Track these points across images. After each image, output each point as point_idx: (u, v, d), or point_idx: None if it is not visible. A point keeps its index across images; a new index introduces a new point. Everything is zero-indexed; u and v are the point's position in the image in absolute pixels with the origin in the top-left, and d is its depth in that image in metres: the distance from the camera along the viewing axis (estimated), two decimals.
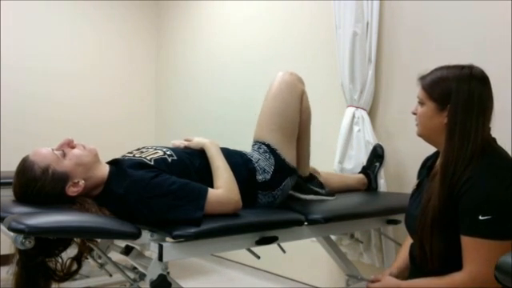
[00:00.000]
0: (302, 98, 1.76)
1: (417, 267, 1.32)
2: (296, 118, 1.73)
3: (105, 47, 3.81)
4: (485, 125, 1.23)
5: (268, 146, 1.67)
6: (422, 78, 1.33)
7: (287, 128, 1.71)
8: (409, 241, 1.49)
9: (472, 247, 1.11)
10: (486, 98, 1.24)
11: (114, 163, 1.46)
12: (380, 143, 2.23)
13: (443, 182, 1.19)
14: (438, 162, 1.29)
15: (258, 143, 1.70)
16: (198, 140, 1.60)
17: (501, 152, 1.24)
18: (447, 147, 1.22)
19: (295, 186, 1.76)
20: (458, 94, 1.22)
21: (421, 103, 1.32)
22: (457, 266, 1.16)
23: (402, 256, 1.49)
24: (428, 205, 1.22)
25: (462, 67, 1.27)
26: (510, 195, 1.10)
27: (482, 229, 1.09)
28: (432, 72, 1.32)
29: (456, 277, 1.14)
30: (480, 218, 1.09)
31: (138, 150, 1.54)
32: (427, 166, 1.43)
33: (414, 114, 1.36)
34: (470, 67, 1.27)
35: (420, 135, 1.35)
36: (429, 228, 1.20)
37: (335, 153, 2.35)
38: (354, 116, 2.32)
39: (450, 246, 1.18)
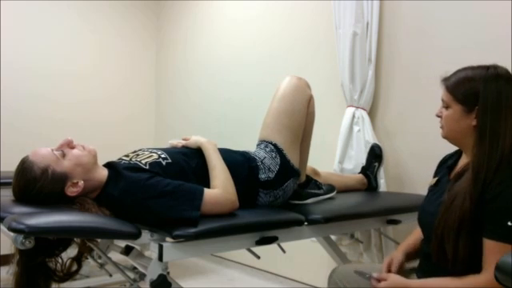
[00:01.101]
0: (309, 103, 1.76)
1: (430, 264, 1.30)
2: (302, 121, 1.73)
3: (105, 47, 3.81)
4: None
5: (275, 145, 1.67)
6: (446, 80, 1.29)
7: (293, 130, 1.71)
8: (419, 232, 1.46)
9: (497, 252, 1.08)
10: None
11: (109, 166, 1.46)
12: (377, 143, 2.23)
13: (476, 184, 1.16)
14: (467, 163, 1.26)
15: (264, 142, 1.70)
16: (195, 139, 1.60)
17: None
18: (478, 150, 1.19)
19: (293, 195, 1.76)
20: (486, 95, 1.19)
21: (446, 106, 1.28)
22: (479, 268, 1.14)
23: (411, 242, 1.46)
24: (452, 205, 1.19)
25: (488, 67, 1.24)
26: None
27: (510, 235, 1.07)
28: (456, 73, 1.28)
29: (478, 279, 1.11)
30: (509, 223, 1.07)
31: (134, 152, 1.54)
32: (448, 165, 1.39)
33: (439, 116, 1.31)
34: (495, 67, 1.24)
35: (446, 137, 1.32)
36: (455, 230, 1.17)
37: (335, 153, 2.35)
38: (354, 116, 2.32)
39: (476, 249, 1.15)
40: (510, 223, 1.07)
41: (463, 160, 1.31)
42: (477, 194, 1.15)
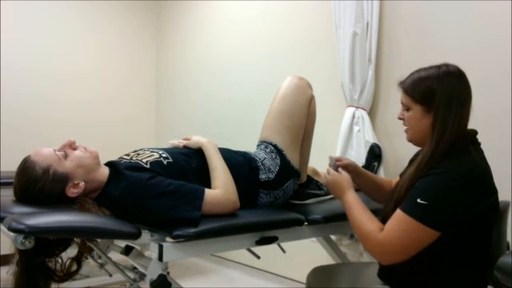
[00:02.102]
0: (310, 103, 1.76)
1: None
2: (303, 121, 1.73)
3: (105, 47, 3.81)
4: (462, 118, 1.25)
5: (275, 146, 1.67)
6: (402, 83, 1.35)
7: (294, 130, 1.70)
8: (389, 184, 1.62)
9: (399, 220, 1.17)
10: (464, 93, 1.27)
11: (110, 165, 1.46)
12: (377, 142, 2.23)
13: (416, 172, 1.23)
14: (419, 157, 1.31)
15: (264, 143, 1.70)
16: (196, 139, 1.60)
17: (471, 157, 1.24)
18: (428, 142, 1.26)
19: (294, 195, 1.76)
20: (440, 92, 1.25)
21: (406, 109, 1.33)
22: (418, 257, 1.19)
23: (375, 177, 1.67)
24: (393, 194, 1.29)
25: (439, 66, 1.30)
26: (452, 196, 1.15)
27: (415, 209, 1.16)
28: (411, 75, 1.34)
29: (378, 235, 1.20)
30: (418, 200, 1.15)
31: (135, 151, 1.54)
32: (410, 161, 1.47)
33: (401, 119, 1.37)
34: (446, 65, 1.30)
35: (410, 140, 1.36)
36: (391, 211, 1.23)
37: (335, 153, 2.35)
38: (354, 116, 2.32)
39: None
40: (419, 200, 1.15)
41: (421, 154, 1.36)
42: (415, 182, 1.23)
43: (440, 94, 1.24)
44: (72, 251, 1.45)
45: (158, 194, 1.30)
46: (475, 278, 1.23)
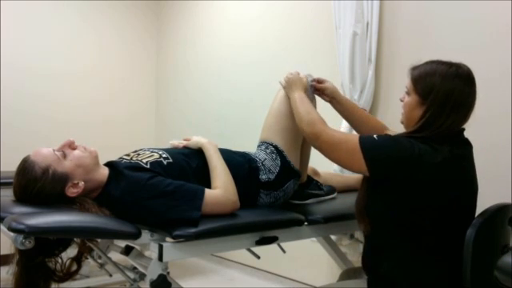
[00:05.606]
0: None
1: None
2: None
3: (105, 47, 3.81)
4: (454, 122, 1.27)
5: (276, 147, 1.67)
6: (413, 69, 1.37)
7: (294, 131, 1.70)
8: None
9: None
10: (464, 98, 1.27)
11: (110, 165, 1.46)
12: None
13: None
14: None
15: (265, 143, 1.70)
16: (196, 139, 1.60)
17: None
18: (408, 127, 1.33)
19: (294, 195, 1.76)
20: (438, 90, 1.26)
21: (407, 93, 1.36)
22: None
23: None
24: None
25: (451, 65, 1.30)
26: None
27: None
28: (423, 65, 1.35)
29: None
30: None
31: (135, 152, 1.54)
32: None
33: (402, 101, 1.40)
34: (458, 66, 1.30)
35: (402, 123, 1.41)
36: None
37: None
38: None
39: None
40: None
41: None
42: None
43: (437, 93, 1.26)
44: (72, 251, 1.45)
45: (158, 193, 1.30)
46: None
